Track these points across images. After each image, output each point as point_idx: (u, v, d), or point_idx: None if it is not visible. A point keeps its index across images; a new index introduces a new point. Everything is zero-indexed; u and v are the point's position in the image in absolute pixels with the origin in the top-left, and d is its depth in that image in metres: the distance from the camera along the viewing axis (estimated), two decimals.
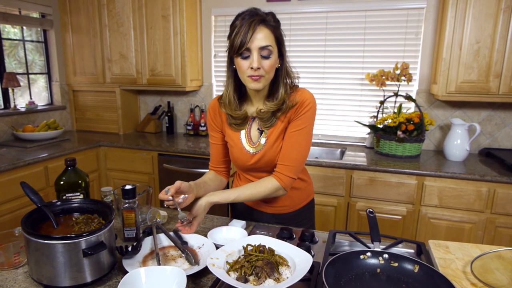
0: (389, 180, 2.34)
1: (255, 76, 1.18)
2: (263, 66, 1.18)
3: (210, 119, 1.42)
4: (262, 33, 1.16)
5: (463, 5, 2.26)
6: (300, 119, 1.27)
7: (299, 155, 1.28)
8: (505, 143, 2.66)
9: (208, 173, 1.45)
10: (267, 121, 1.30)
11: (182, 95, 3.45)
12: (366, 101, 2.93)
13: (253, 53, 1.16)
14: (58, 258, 0.94)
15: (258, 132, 1.34)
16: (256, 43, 1.15)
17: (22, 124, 3.07)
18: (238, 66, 1.21)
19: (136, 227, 1.23)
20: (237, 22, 1.18)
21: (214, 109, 1.39)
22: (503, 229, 2.19)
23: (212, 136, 1.44)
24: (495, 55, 2.26)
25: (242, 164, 1.38)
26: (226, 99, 1.30)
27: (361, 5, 2.76)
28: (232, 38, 1.18)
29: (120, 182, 3.05)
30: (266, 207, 1.46)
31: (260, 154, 1.33)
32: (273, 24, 1.20)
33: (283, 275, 0.93)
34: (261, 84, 1.21)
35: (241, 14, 1.19)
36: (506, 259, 1.06)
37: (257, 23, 1.15)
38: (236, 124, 1.33)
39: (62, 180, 1.32)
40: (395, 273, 0.98)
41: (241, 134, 1.35)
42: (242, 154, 1.35)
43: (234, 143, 1.36)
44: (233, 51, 1.18)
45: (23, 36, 3.19)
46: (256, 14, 1.17)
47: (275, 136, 1.31)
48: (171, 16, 2.95)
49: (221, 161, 1.46)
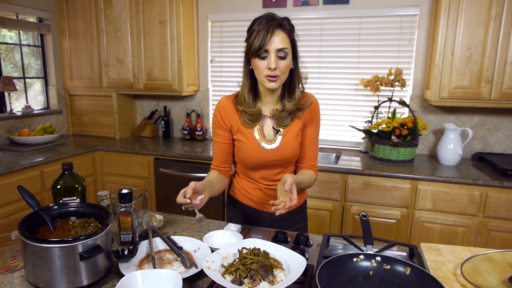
0: (383, 184, 2.37)
1: (272, 76, 1.25)
2: (280, 66, 1.25)
3: (218, 117, 1.42)
4: (279, 36, 1.23)
5: (455, 13, 2.30)
6: (316, 121, 1.43)
7: (317, 151, 1.49)
8: (497, 147, 2.70)
9: (212, 173, 1.45)
10: (284, 120, 1.37)
11: (178, 100, 3.47)
12: (360, 106, 2.96)
13: (271, 54, 1.23)
14: (55, 261, 0.95)
15: (273, 130, 1.39)
16: (274, 45, 1.23)
17: (18, 128, 3.07)
18: (256, 66, 1.27)
19: (132, 231, 1.24)
20: (255, 26, 1.25)
21: (224, 108, 1.41)
22: (496, 233, 2.22)
23: (218, 134, 1.44)
24: (486, 62, 2.31)
25: (256, 161, 1.40)
26: (242, 97, 1.36)
27: (356, 12, 2.80)
28: (251, 40, 1.25)
29: (116, 187, 3.05)
30: (266, 206, 1.49)
31: (277, 150, 1.38)
32: (289, 28, 1.27)
33: (277, 278, 0.95)
34: (277, 84, 1.28)
35: (258, 19, 1.26)
36: (496, 261, 1.08)
37: (275, 27, 1.23)
38: (251, 120, 1.38)
39: (59, 184, 1.33)
40: (387, 275, 1.00)
41: (254, 131, 1.39)
42: (257, 150, 1.38)
43: (247, 140, 1.39)
44: (252, 52, 1.25)
45: (20, 40, 3.20)
46: (273, 19, 1.24)
47: (292, 135, 1.38)
48: (168, 21, 2.98)
49: (224, 160, 1.47)
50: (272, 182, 1.46)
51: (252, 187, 1.50)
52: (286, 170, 1.45)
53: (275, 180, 1.45)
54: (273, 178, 1.45)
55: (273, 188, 1.46)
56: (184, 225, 1.47)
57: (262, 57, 1.25)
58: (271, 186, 1.46)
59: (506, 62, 2.27)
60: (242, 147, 1.41)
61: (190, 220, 1.53)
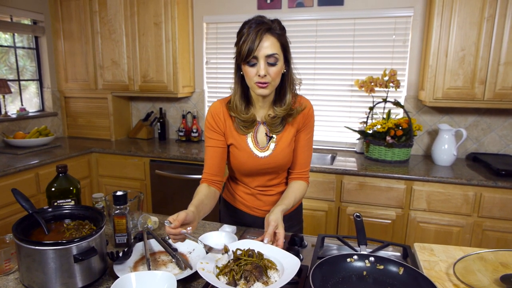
0: (378, 185, 2.38)
1: (262, 83, 1.21)
2: (270, 73, 1.21)
3: (211, 121, 1.36)
4: (269, 42, 1.19)
5: (448, 14, 2.32)
6: (309, 126, 1.39)
7: (311, 156, 1.45)
8: (491, 148, 2.72)
9: (202, 189, 1.31)
10: (276, 127, 1.34)
11: (174, 102, 3.47)
12: (355, 107, 2.98)
13: (260, 61, 1.19)
14: (49, 264, 0.95)
15: (266, 137, 1.36)
16: (263, 52, 1.18)
17: (13, 131, 3.06)
18: (246, 73, 1.24)
19: (127, 233, 1.24)
20: (244, 30, 1.20)
21: (218, 112, 1.36)
22: (490, 232, 2.24)
23: (211, 139, 1.37)
24: (479, 62, 2.33)
25: (249, 168, 1.38)
26: (234, 103, 1.33)
27: (350, 13, 2.82)
28: (240, 46, 1.21)
29: (112, 189, 3.05)
30: (258, 211, 1.49)
31: (270, 158, 1.35)
32: (279, 32, 1.22)
33: (271, 279, 0.96)
34: (268, 90, 1.24)
35: (247, 23, 1.22)
36: (488, 261, 1.09)
37: (263, 32, 1.18)
38: (244, 127, 1.34)
39: (54, 187, 1.33)
40: (381, 275, 1.01)
41: (247, 138, 1.36)
42: (251, 158, 1.36)
43: (241, 147, 1.36)
44: (241, 59, 1.21)
45: (14, 43, 3.19)
46: (262, 23, 1.19)
47: (285, 142, 1.36)
48: (163, 23, 2.98)
49: (217, 168, 1.37)
50: (265, 188, 1.45)
51: (244, 192, 1.49)
52: (279, 177, 1.44)
53: (268, 186, 1.45)
54: (267, 184, 1.44)
55: (266, 193, 1.46)
56: None
57: (252, 64, 1.21)
58: (264, 192, 1.46)
59: (499, 63, 2.29)
60: (236, 154, 1.37)
61: None
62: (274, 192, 1.46)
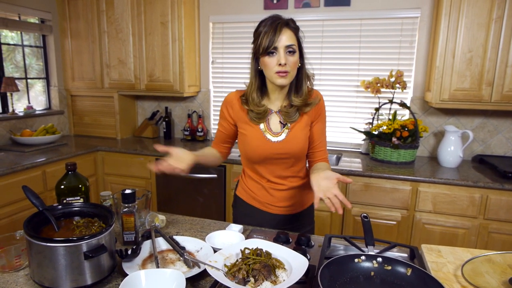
0: (384, 186, 2.37)
1: (282, 72, 1.29)
2: (289, 62, 1.30)
3: (225, 112, 1.48)
4: (287, 34, 1.29)
5: (456, 15, 2.32)
6: (323, 115, 1.48)
7: (326, 143, 1.53)
8: (497, 150, 2.71)
9: (208, 148, 1.56)
10: (292, 116, 1.40)
11: (179, 101, 3.48)
12: (361, 108, 2.97)
13: (280, 51, 1.29)
14: (59, 260, 0.96)
15: (280, 124, 1.42)
16: (283, 42, 1.28)
17: (20, 129, 3.08)
18: (265, 64, 1.31)
19: (135, 231, 1.25)
20: (261, 28, 1.31)
21: (232, 103, 1.46)
22: (496, 235, 2.23)
23: (222, 125, 1.51)
24: (487, 64, 2.32)
25: (261, 153, 1.42)
26: (250, 96, 1.40)
27: (357, 14, 2.82)
28: (260, 40, 1.30)
29: (118, 187, 3.06)
30: (271, 207, 1.50)
31: (283, 143, 1.40)
32: (294, 27, 1.34)
33: (279, 278, 0.96)
34: (287, 80, 1.32)
35: (264, 20, 1.32)
36: (496, 263, 1.09)
37: (282, 25, 1.29)
38: (257, 118, 1.41)
39: (63, 184, 1.34)
40: (389, 276, 1.01)
41: (260, 125, 1.43)
42: (263, 142, 1.41)
43: (253, 134, 1.42)
44: (261, 51, 1.30)
45: (22, 41, 3.21)
46: (279, 18, 1.31)
47: (298, 130, 1.41)
48: (170, 22, 2.99)
49: (224, 140, 1.54)
50: (279, 180, 1.46)
51: (257, 187, 1.51)
52: (294, 168, 1.46)
53: (282, 177, 1.46)
54: (281, 174, 1.46)
55: (279, 188, 1.47)
56: (186, 225, 1.47)
57: (271, 54, 1.29)
58: (277, 185, 1.47)
59: (507, 65, 2.28)
60: (246, 139, 1.43)
61: (192, 220, 1.54)
62: (286, 187, 1.48)
